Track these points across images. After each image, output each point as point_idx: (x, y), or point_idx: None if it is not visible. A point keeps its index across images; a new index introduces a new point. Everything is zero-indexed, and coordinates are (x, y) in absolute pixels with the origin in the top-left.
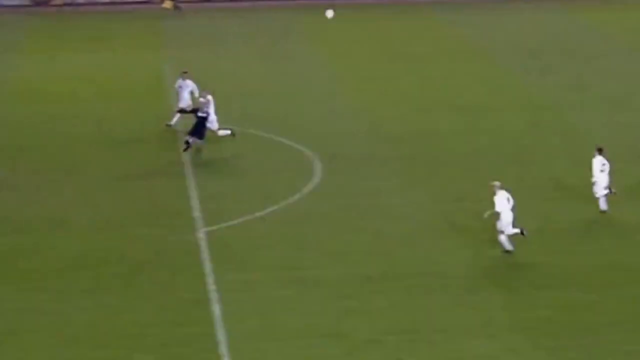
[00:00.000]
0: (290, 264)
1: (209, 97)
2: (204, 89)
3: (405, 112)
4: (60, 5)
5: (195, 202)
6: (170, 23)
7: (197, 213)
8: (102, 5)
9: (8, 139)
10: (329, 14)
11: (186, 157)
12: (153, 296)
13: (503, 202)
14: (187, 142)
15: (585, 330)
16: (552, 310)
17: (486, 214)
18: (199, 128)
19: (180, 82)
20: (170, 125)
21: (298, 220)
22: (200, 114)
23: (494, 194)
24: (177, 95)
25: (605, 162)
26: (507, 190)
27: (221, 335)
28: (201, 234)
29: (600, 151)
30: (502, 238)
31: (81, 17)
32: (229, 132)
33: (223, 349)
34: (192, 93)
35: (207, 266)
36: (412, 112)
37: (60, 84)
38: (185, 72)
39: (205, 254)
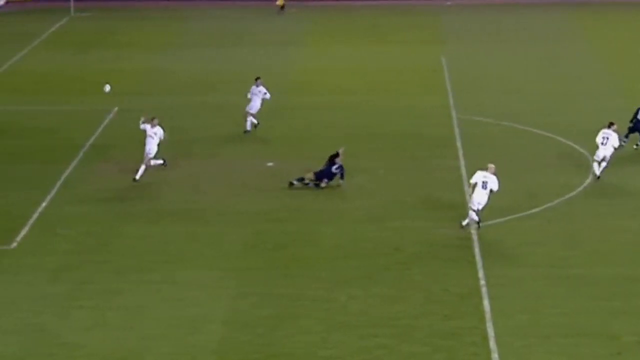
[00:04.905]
0: (559, 261)
1: (261, 87)
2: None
3: None
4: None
5: (468, 197)
6: (449, 18)
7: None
8: (379, 0)
9: (281, 128)
10: (107, 88)
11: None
12: (423, 288)
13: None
14: (313, 184)
15: None
16: None
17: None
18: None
19: (253, 88)
20: (247, 132)
21: (570, 218)
22: (334, 170)
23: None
24: (249, 101)
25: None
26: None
27: (490, 330)
28: (473, 229)
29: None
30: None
31: (360, 11)
32: (256, 121)
33: (492, 343)
34: (263, 99)
35: (478, 260)
36: None
37: (336, 77)
38: (259, 78)
39: (476, 249)
